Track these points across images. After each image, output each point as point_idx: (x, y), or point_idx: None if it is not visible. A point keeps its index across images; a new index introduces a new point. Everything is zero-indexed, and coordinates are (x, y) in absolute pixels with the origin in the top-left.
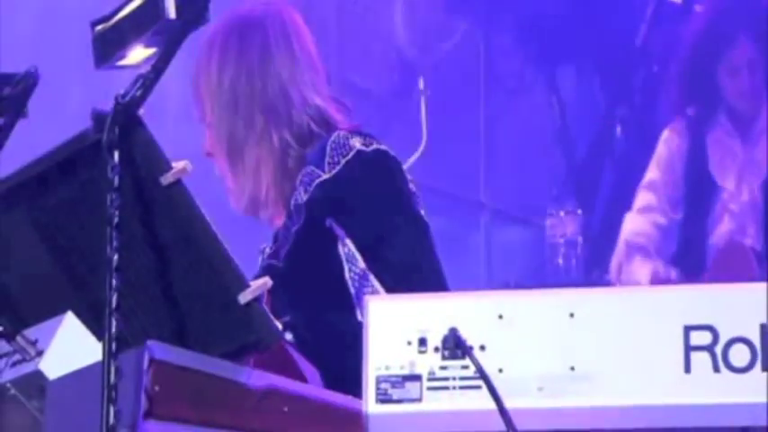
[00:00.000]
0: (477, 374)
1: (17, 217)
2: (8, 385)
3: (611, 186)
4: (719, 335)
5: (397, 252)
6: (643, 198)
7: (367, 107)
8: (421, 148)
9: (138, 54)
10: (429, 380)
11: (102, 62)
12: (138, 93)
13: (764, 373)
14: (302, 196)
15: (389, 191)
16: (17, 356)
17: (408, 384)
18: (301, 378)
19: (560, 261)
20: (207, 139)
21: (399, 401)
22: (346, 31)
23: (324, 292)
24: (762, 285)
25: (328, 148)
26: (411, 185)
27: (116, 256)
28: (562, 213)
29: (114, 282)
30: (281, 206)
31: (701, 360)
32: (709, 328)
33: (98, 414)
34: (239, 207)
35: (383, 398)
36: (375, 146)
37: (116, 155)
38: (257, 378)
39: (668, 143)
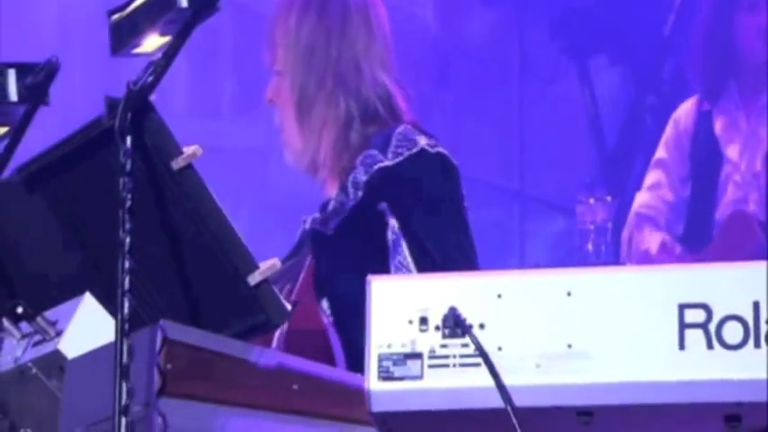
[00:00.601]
0: (477, 352)
1: (37, 201)
2: (29, 365)
3: (641, 174)
4: (713, 313)
5: (441, 251)
6: (652, 176)
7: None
8: None
9: (153, 42)
10: (430, 358)
11: (117, 50)
12: (150, 79)
13: (757, 350)
14: (362, 176)
15: (445, 194)
16: (38, 337)
17: (410, 362)
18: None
19: (590, 247)
20: (271, 86)
21: (401, 379)
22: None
23: (366, 271)
24: (754, 264)
25: (394, 138)
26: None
27: (128, 239)
28: (592, 200)
29: (127, 264)
30: (336, 175)
31: (695, 337)
32: (703, 306)
33: (136, 382)
34: (300, 163)
35: (385, 375)
36: (439, 149)
37: (128, 140)
38: (267, 356)
39: (676, 122)
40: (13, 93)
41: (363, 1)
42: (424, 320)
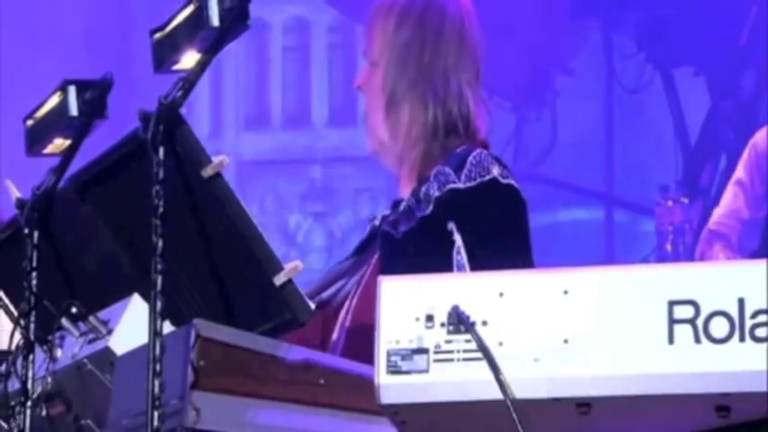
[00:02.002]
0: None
1: (89, 209)
2: (85, 360)
3: (715, 178)
4: (701, 309)
5: None
6: (729, 194)
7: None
8: None
9: (191, 59)
10: (435, 353)
11: (159, 67)
12: (179, 94)
13: (742, 344)
14: (434, 191)
15: (511, 225)
16: (92, 335)
17: (416, 357)
18: None
19: (669, 247)
20: (362, 73)
21: (408, 372)
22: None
23: None
24: (740, 263)
25: (468, 162)
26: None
27: (161, 243)
28: (670, 203)
29: (159, 266)
30: (412, 178)
31: (683, 332)
32: (692, 302)
33: (171, 377)
34: (382, 154)
35: (393, 369)
36: (510, 180)
37: (161, 151)
38: (295, 353)
39: (754, 145)
40: (73, 108)
41: (460, 20)
42: (430, 318)
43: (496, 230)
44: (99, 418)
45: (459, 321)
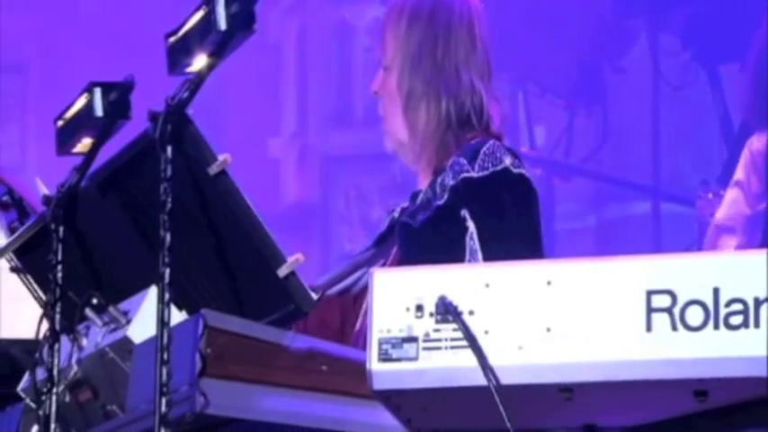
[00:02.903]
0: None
1: (108, 204)
2: (107, 349)
3: None
4: (677, 298)
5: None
6: (730, 194)
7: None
8: None
9: (202, 61)
10: (424, 341)
11: (173, 70)
12: (185, 95)
13: (716, 332)
14: (449, 180)
15: (522, 213)
16: (113, 325)
17: (406, 345)
18: None
19: None
20: (378, 79)
21: (398, 360)
22: (533, 34)
23: None
24: (714, 254)
25: (482, 153)
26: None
27: (168, 237)
28: (710, 195)
29: (167, 259)
30: (429, 171)
31: (660, 320)
32: (669, 292)
33: (180, 364)
34: (401, 153)
35: (384, 357)
36: (521, 170)
37: (168, 150)
38: (299, 341)
39: (749, 145)
40: (98, 108)
41: (468, 16)
42: (419, 308)
43: (507, 217)
44: (123, 403)
45: (446, 311)
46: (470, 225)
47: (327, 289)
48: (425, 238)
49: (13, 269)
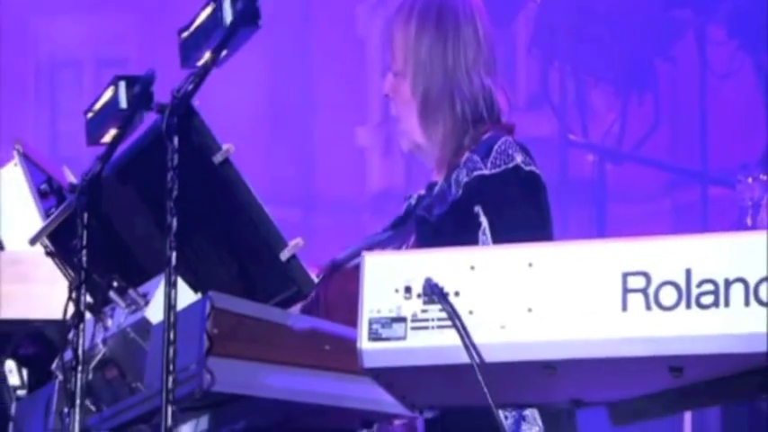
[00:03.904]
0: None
1: (129, 190)
2: (128, 329)
3: None
4: (652, 279)
5: None
6: None
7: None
8: None
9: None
10: (412, 321)
11: (185, 63)
12: (190, 87)
13: (688, 311)
14: (463, 177)
15: (532, 208)
16: (134, 306)
17: (395, 325)
18: None
19: (749, 221)
20: (388, 82)
21: (387, 339)
22: (587, 28)
23: None
24: (686, 237)
25: (494, 151)
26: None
27: (175, 222)
28: (750, 179)
29: (174, 243)
30: (445, 166)
31: (636, 300)
32: (643, 273)
33: (188, 344)
34: (416, 152)
35: (374, 336)
36: (532, 167)
37: (175, 140)
38: (302, 321)
39: None
40: (123, 101)
41: (472, 15)
42: (408, 289)
43: (518, 213)
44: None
45: (431, 292)
46: (483, 220)
47: (346, 262)
48: (441, 231)
49: (47, 253)
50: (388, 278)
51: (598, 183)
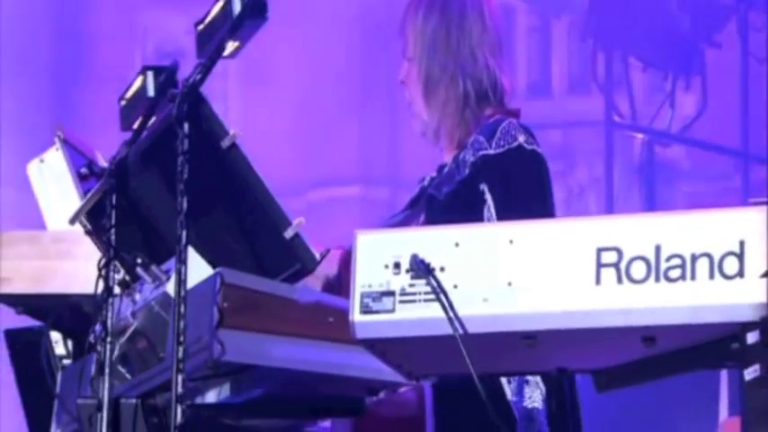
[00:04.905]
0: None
1: (152, 173)
2: (153, 303)
3: None
4: (623, 254)
5: None
6: None
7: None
8: None
9: (228, 47)
10: (400, 295)
11: (201, 55)
12: (198, 77)
13: (657, 284)
14: (470, 157)
15: (534, 185)
16: (158, 282)
17: (384, 299)
18: None
19: None
20: (403, 69)
21: (377, 312)
22: (638, 14)
23: None
24: (656, 214)
25: (499, 131)
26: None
27: (185, 203)
28: None
29: (184, 222)
30: (452, 146)
31: (608, 274)
32: (616, 249)
33: (200, 317)
34: (425, 133)
35: (365, 309)
36: (534, 147)
37: (185, 126)
38: (307, 295)
39: None
40: (151, 89)
41: (479, 1)
42: (397, 265)
43: (521, 190)
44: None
45: (417, 267)
46: (488, 198)
47: None
48: (449, 208)
49: (86, 232)
50: (379, 255)
51: (647, 164)
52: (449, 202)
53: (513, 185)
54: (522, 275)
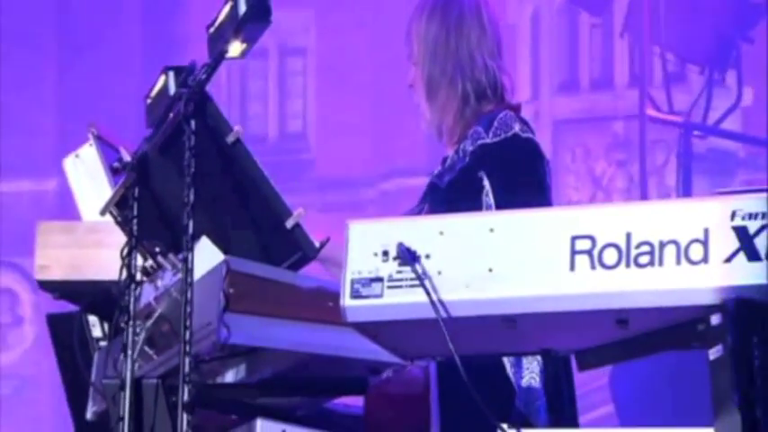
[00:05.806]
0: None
1: (169, 166)
2: (171, 289)
3: None
4: (597, 241)
5: None
6: None
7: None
8: None
9: (236, 48)
10: (388, 281)
11: (211, 56)
12: (203, 76)
13: (628, 269)
14: (469, 146)
15: (529, 171)
16: (175, 270)
17: (374, 284)
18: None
19: None
20: (411, 73)
21: (367, 297)
22: (675, 11)
23: None
24: (627, 204)
25: (496, 122)
26: (548, 177)
27: (192, 195)
28: None
29: (190, 213)
30: (454, 141)
31: (582, 261)
32: (590, 237)
33: (208, 302)
34: (430, 130)
35: (355, 295)
36: (529, 135)
37: (192, 123)
38: (308, 281)
39: None
40: (172, 88)
41: (476, 3)
42: (385, 253)
43: (517, 176)
44: None
45: (404, 255)
46: (486, 184)
47: None
48: (450, 195)
49: (117, 223)
50: (368, 243)
51: (683, 156)
52: (450, 189)
53: (510, 172)
54: (502, 262)
